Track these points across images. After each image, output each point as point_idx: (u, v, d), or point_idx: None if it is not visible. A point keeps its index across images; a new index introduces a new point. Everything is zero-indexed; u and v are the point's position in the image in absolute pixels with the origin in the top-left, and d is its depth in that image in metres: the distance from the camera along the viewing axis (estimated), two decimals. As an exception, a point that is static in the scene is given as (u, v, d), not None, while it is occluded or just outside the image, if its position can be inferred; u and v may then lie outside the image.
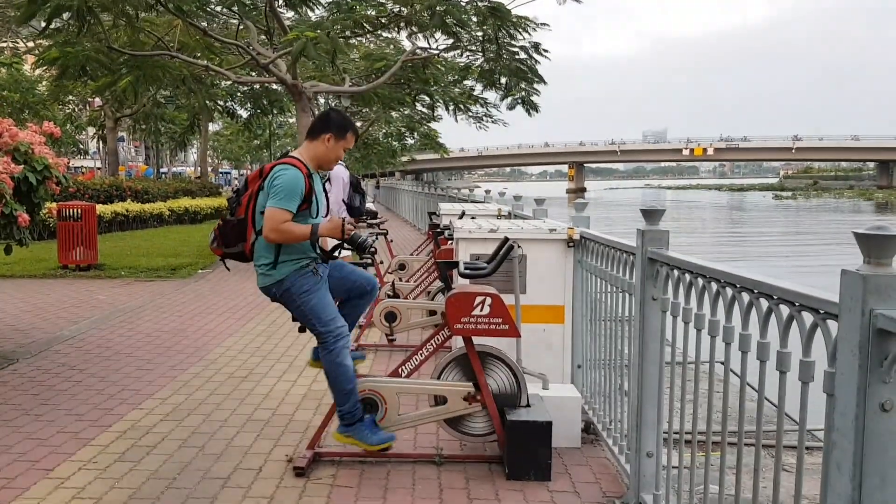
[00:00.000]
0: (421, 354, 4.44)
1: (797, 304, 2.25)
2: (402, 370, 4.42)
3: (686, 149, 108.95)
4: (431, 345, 4.43)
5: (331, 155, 4.21)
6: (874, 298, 1.86)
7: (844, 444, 1.92)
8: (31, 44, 26.28)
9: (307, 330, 4.24)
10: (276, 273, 4.07)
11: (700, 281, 2.95)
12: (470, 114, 19.99)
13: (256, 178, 4.15)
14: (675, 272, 3.23)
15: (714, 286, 2.83)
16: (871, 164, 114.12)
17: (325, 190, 4.41)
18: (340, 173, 8.54)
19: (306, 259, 4.09)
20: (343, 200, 8.80)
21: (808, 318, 2.20)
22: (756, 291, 2.50)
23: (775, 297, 2.38)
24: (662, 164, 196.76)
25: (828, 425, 2.02)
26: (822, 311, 2.11)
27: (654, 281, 3.48)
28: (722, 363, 2.88)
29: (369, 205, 11.75)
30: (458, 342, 4.40)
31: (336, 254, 4.32)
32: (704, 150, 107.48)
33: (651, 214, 3.56)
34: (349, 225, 4.06)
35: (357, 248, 4.18)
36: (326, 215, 4.33)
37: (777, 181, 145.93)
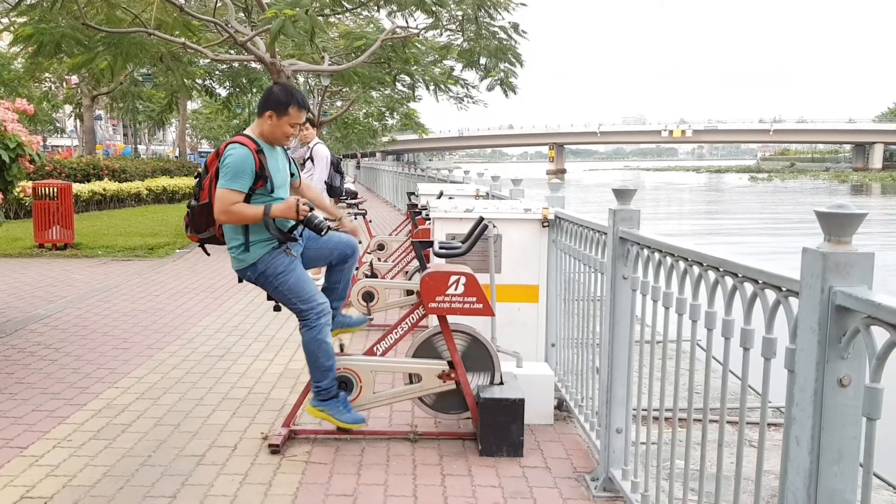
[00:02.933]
0: (396, 333, 4.47)
1: (760, 281, 2.28)
2: (377, 349, 4.45)
3: (665, 130, 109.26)
4: (406, 324, 4.46)
5: (276, 132, 4.05)
6: (833, 276, 1.89)
7: (803, 419, 1.96)
8: (5, 20, 25.90)
9: (282, 308, 4.24)
10: (249, 257, 4.03)
11: (668, 259, 2.99)
12: (450, 94, 19.92)
13: (214, 160, 4.03)
14: (645, 251, 3.27)
15: (682, 265, 2.86)
16: (847, 147, 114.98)
17: (294, 164, 4.37)
18: (323, 153, 8.51)
19: (276, 240, 4.05)
20: (324, 181, 8.80)
21: (770, 295, 2.23)
22: (721, 270, 2.54)
23: (739, 276, 2.42)
24: (641, 145, 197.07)
25: (788, 400, 2.05)
26: (784, 289, 2.15)
27: (625, 260, 3.52)
28: (688, 341, 2.93)
29: (349, 185, 11.74)
30: (433, 321, 4.42)
31: (294, 234, 4.18)
32: (683, 131, 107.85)
33: (623, 194, 3.59)
34: (304, 206, 3.92)
35: (313, 229, 4.00)
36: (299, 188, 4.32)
37: (754, 163, 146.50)
